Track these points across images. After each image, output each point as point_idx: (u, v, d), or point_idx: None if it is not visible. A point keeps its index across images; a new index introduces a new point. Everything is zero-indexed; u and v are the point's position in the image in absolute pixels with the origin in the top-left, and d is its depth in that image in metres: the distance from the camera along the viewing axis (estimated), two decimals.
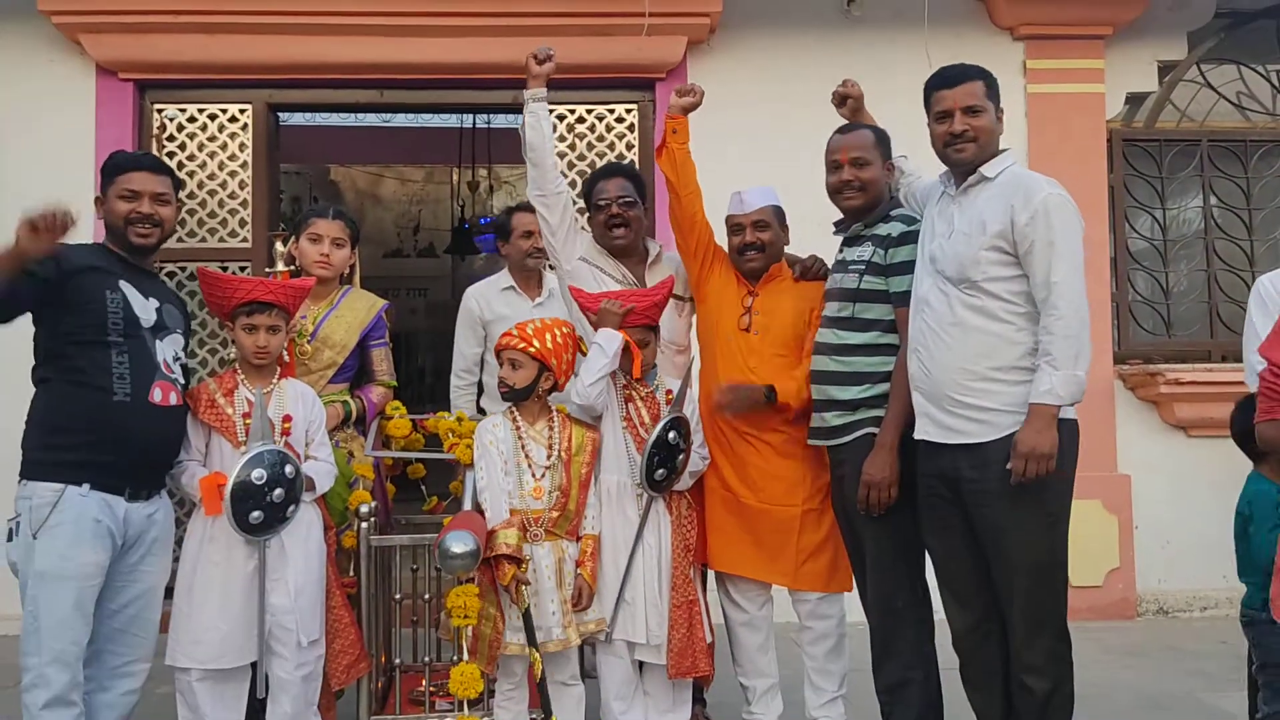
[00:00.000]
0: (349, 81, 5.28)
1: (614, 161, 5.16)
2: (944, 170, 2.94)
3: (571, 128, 5.36)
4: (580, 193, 3.98)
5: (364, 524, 3.14)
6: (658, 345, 3.26)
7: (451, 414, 3.61)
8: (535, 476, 3.04)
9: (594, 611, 3.09)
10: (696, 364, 3.49)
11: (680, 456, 3.13)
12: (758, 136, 5.08)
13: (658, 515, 3.17)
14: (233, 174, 5.28)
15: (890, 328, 3.03)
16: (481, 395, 4.10)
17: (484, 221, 10.22)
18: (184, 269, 5.18)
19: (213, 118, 5.28)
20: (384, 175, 11.17)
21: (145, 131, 5.23)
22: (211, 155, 5.28)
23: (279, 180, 5.75)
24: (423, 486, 3.79)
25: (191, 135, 5.29)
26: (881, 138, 3.17)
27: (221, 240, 5.26)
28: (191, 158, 5.28)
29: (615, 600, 3.10)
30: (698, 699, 3.38)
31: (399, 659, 3.35)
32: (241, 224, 5.26)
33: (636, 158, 5.29)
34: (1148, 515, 5.26)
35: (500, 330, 3.30)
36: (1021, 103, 5.28)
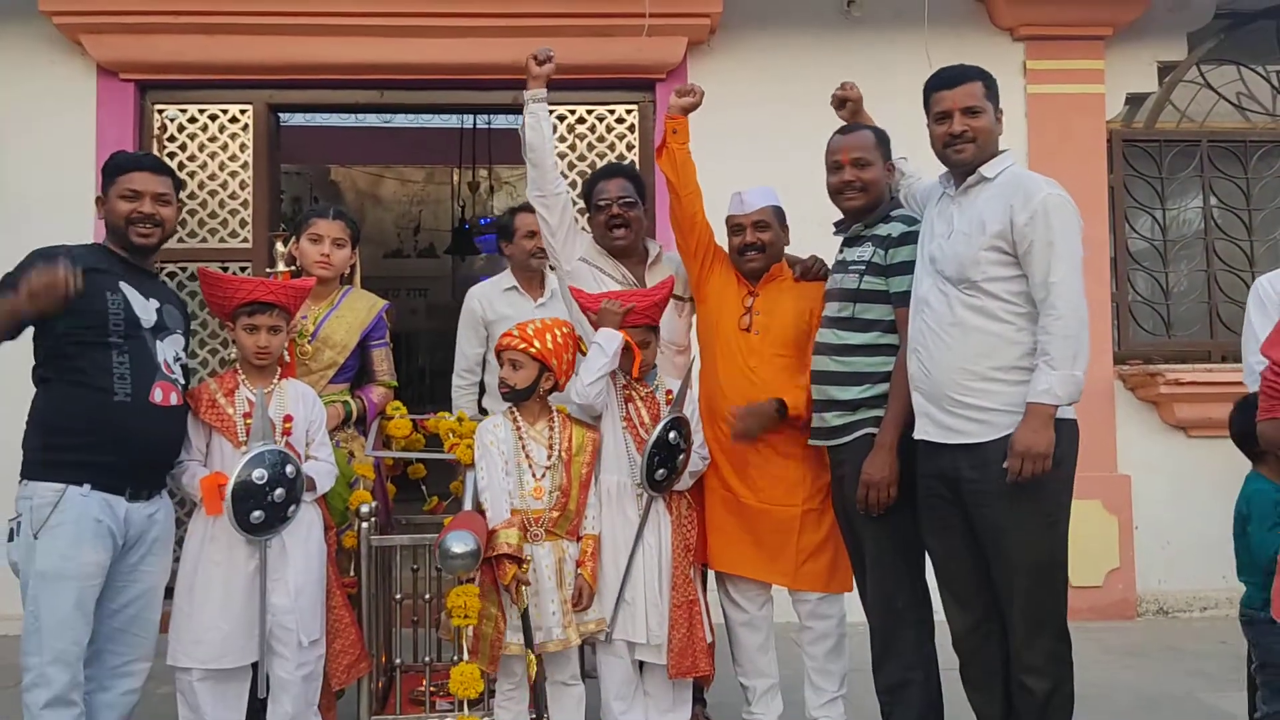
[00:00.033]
0: (349, 82, 5.28)
1: (614, 162, 5.16)
2: (944, 171, 2.95)
3: (572, 128, 5.37)
4: (580, 193, 3.98)
5: (364, 524, 3.15)
6: (658, 345, 3.26)
7: (452, 414, 3.61)
8: (536, 477, 3.04)
9: (594, 611, 3.09)
10: (697, 364, 3.49)
11: (680, 457, 3.13)
12: (758, 137, 5.08)
13: (658, 515, 3.17)
14: (233, 174, 5.28)
15: (890, 328, 3.03)
16: (483, 395, 4.10)
17: (484, 222, 10.22)
18: (184, 269, 5.18)
19: (213, 118, 5.29)
20: (384, 176, 11.17)
21: (146, 132, 5.23)
22: (212, 156, 5.28)
23: (279, 180, 5.75)
24: (423, 487, 3.80)
25: (192, 136, 5.29)
26: (882, 138, 3.17)
27: (222, 240, 5.26)
28: (192, 158, 5.28)
29: (615, 600, 3.10)
30: (698, 699, 3.38)
31: (399, 659, 3.36)
32: (242, 224, 5.27)
33: (637, 158, 5.29)
34: (1148, 515, 5.26)
35: (502, 330, 3.30)
36: (1021, 103, 5.28)
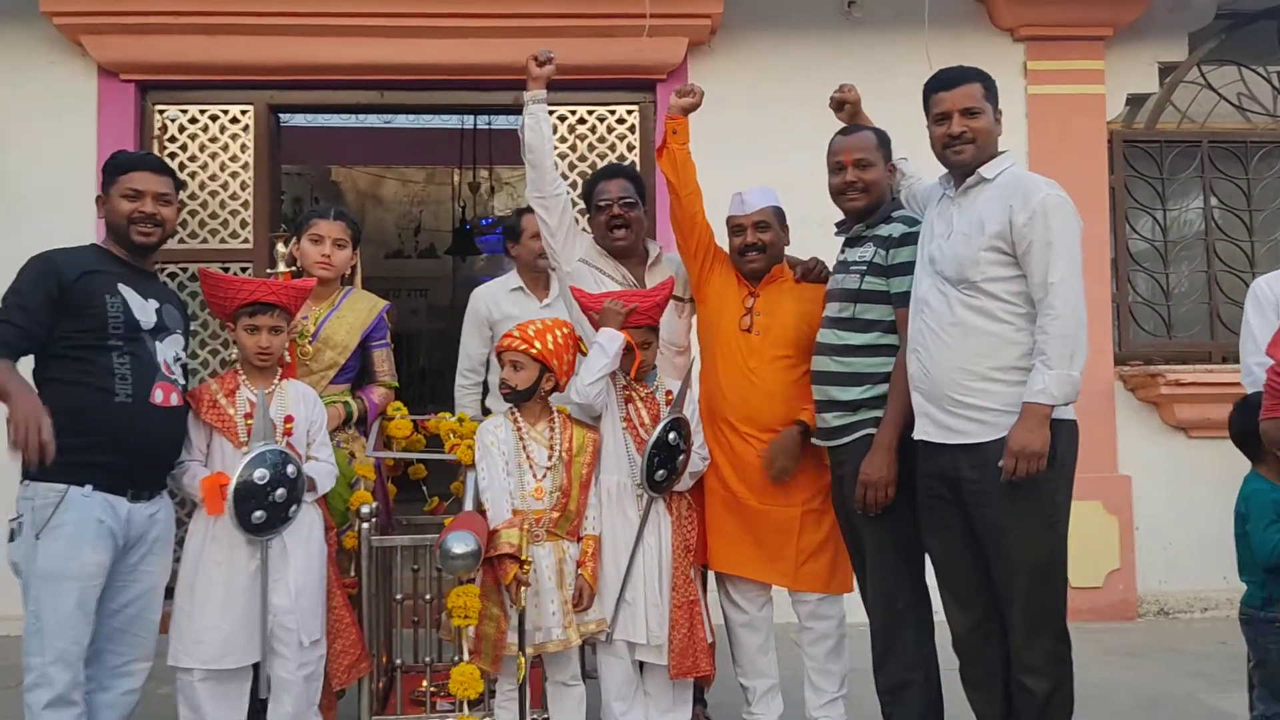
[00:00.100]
0: (350, 82, 5.28)
1: (614, 162, 5.17)
2: (944, 172, 2.95)
3: (572, 129, 5.37)
4: (581, 194, 3.98)
5: (365, 524, 3.15)
6: (657, 346, 3.26)
7: (453, 415, 3.61)
8: (536, 477, 3.04)
9: (594, 612, 3.09)
10: (696, 365, 3.49)
11: (680, 457, 3.13)
12: (758, 137, 5.08)
13: (658, 516, 3.17)
14: (234, 175, 5.29)
15: (891, 328, 3.03)
16: (487, 395, 4.11)
17: (485, 223, 10.24)
18: (185, 269, 5.19)
19: (214, 119, 5.29)
20: (385, 176, 11.18)
21: (147, 133, 5.24)
22: (213, 156, 5.29)
23: (280, 181, 5.76)
24: (424, 487, 3.80)
25: (193, 136, 5.29)
26: (883, 139, 3.17)
27: (223, 241, 5.27)
28: (193, 159, 5.28)
29: (616, 601, 3.10)
30: (698, 699, 3.38)
31: (400, 659, 3.37)
32: (243, 225, 5.27)
33: (637, 159, 5.30)
34: (1148, 516, 5.26)
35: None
36: (1022, 104, 5.29)
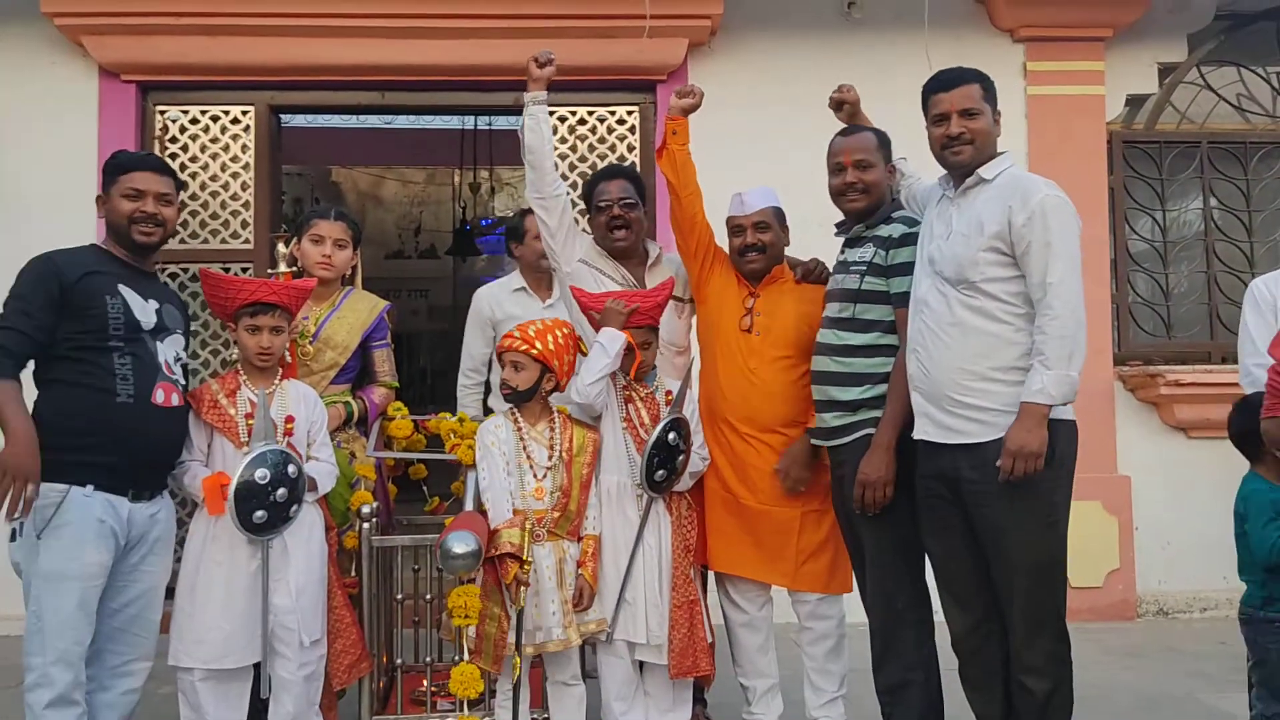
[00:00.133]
0: (351, 83, 5.28)
1: (615, 163, 5.17)
2: (944, 173, 2.95)
3: (573, 129, 5.37)
4: (581, 194, 3.99)
5: (366, 524, 3.16)
6: (657, 346, 3.27)
7: (454, 414, 3.62)
8: (537, 477, 3.04)
9: (595, 612, 3.09)
10: (696, 365, 3.50)
11: (680, 458, 3.14)
12: (758, 138, 5.08)
13: (658, 516, 3.17)
14: (235, 175, 5.29)
15: (891, 329, 3.03)
16: (489, 395, 4.12)
17: (485, 223, 10.25)
18: (186, 270, 5.19)
19: (215, 119, 5.30)
20: (385, 177, 11.19)
21: (148, 133, 5.24)
22: (214, 157, 5.29)
23: (281, 182, 5.76)
24: (424, 487, 3.80)
25: (194, 137, 5.30)
26: (883, 140, 3.18)
27: (224, 241, 5.27)
28: (194, 159, 5.29)
29: (616, 601, 3.10)
30: (698, 699, 3.38)
31: (400, 659, 3.37)
32: (243, 225, 5.27)
33: (637, 159, 5.30)
34: (1148, 516, 5.26)
35: None
36: (1022, 104, 5.29)
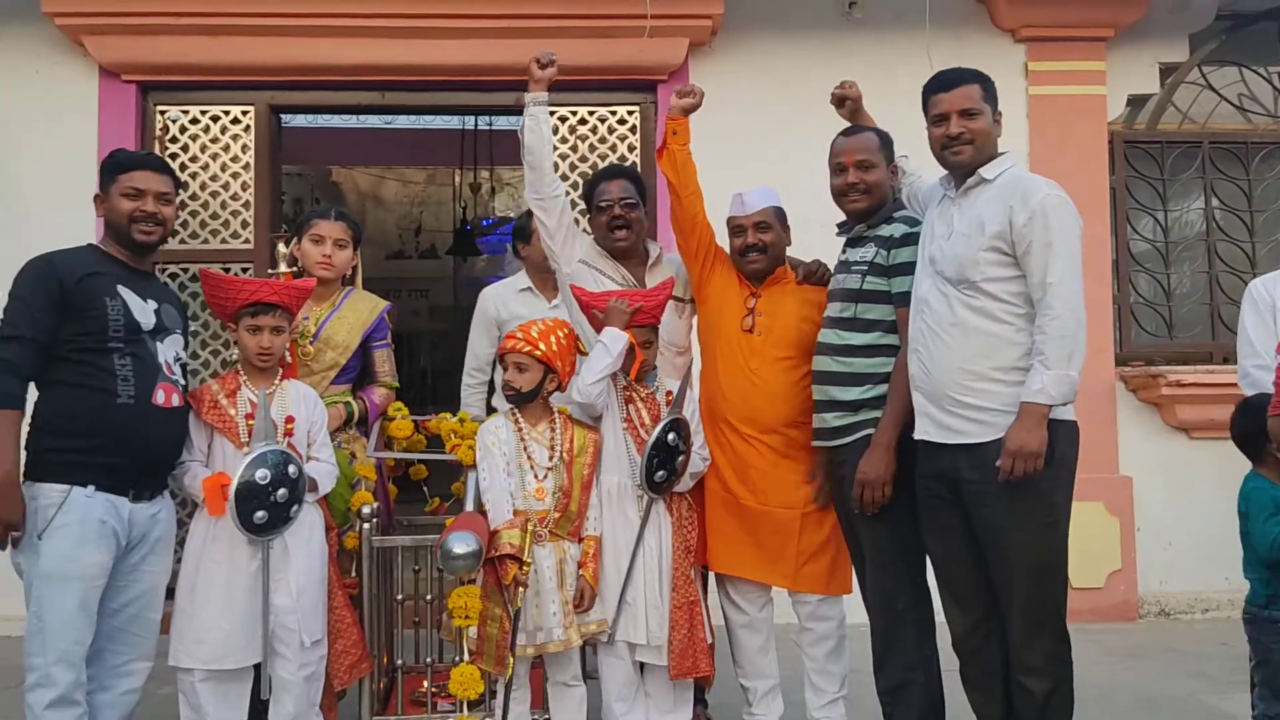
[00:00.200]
0: (351, 83, 5.28)
1: (615, 163, 5.16)
2: (945, 172, 2.95)
3: (573, 129, 5.37)
4: (581, 194, 3.98)
5: (366, 525, 3.16)
6: (658, 346, 3.27)
7: (454, 414, 3.61)
8: (538, 478, 3.04)
9: (595, 613, 3.09)
10: (696, 365, 3.49)
11: (680, 458, 3.13)
12: (759, 138, 5.08)
13: (658, 517, 3.17)
14: (235, 175, 5.29)
15: (892, 328, 3.03)
16: (492, 394, 4.12)
17: (486, 223, 10.25)
18: (186, 270, 5.19)
19: (215, 119, 5.29)
20: (386, 177, 11.19)
21: (148, 133, 5.24)
22: (214, 157, 5.29)
23: (281, 182, 5.75)
24: (425, 488, 3.80)
25: (194, 137, 5.29)
26: (885, 140, 3.17)
27: (224, 242, 5.27)
28: (194, 159, 5.28)
29: (617, 601, 3.10)
30: (699, 700, 3.38)
31: (401, 660, 3.38)
32: (244, 225, 5.27)
33: (638, 159, 5.29)
34: (1149, 517, 5.26)
35: None
36: (1023, 104, 5.29)
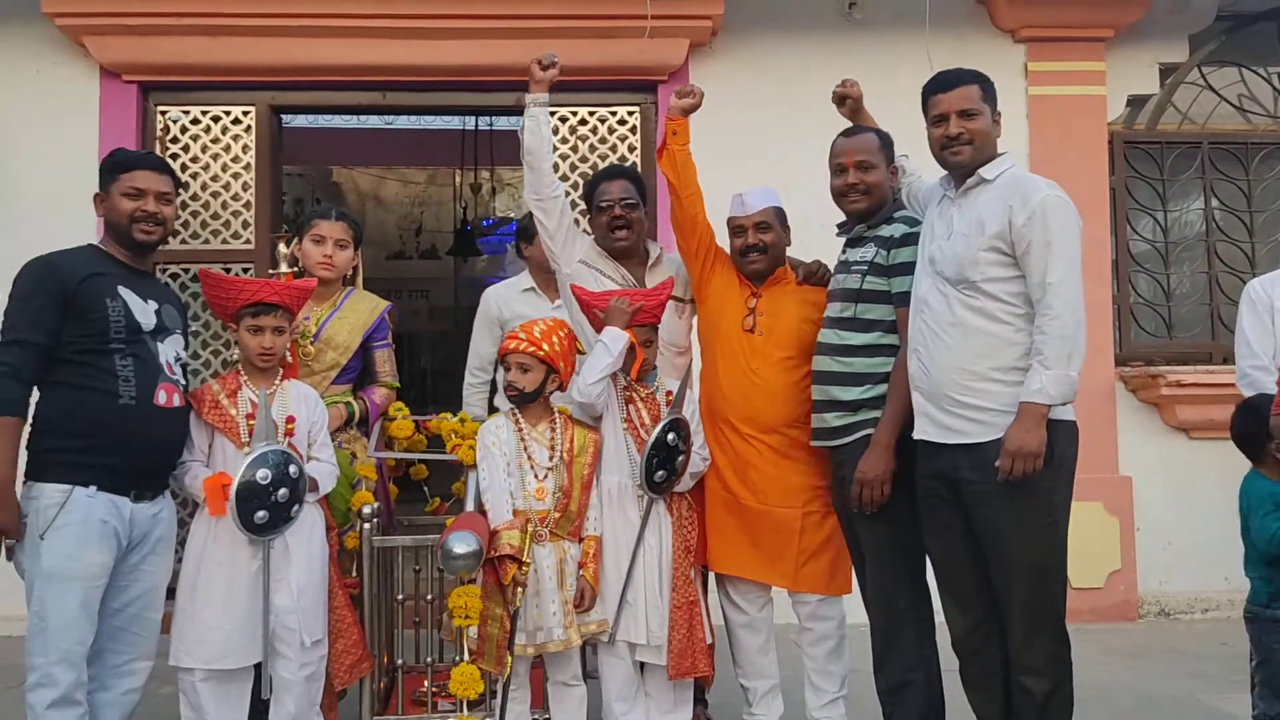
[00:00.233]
0: (352, 83, 5.28)
1: (616, 163, 5.17)
2: (945, 173, 2.95)
3: (574, 129, 5.37)
4: (581, 194, 3.99)
5: (366, 525, 3.16)
6: (658, 345, 3.27)
7: (456, 414, 3.61)
8: (538, 478, 3.04)
9: (596, 613, 3.09)
10: (696, 365, 3.50)
11: (680, 458, 3.14)
12: (759, 138, 5.08)
13: (658, 516, 3.17)
14: (235, 175, 5.29)
15: (892, 328, 3.03)
16: (494, 394, 4.12)
17: (486, 223, 10.25)
18: (187, 270, 5.19)
19: (216, 120, 5.30)
20: (386, 177, 11.19)
21: (149, 133, 5.24)
22: (215, 157, 5.29)
23: (282, 182, 5.76)
24: (425, 488, 3.81)
25: (195, 137, 5.30)
26: (885, 141, 3.18)
27: (224, 242, 5.27)
28: (195, 159, 5.28)
29: (618, 602, 3.10)
30: (699, 700, 3.38)
31: (401, 660, 3.38)
32: (244, 225, 5.27)
33: (638, 160, 5.30)
34: (1149, 517, 5.26)
35: None
36: (1023, 105, 5.29)
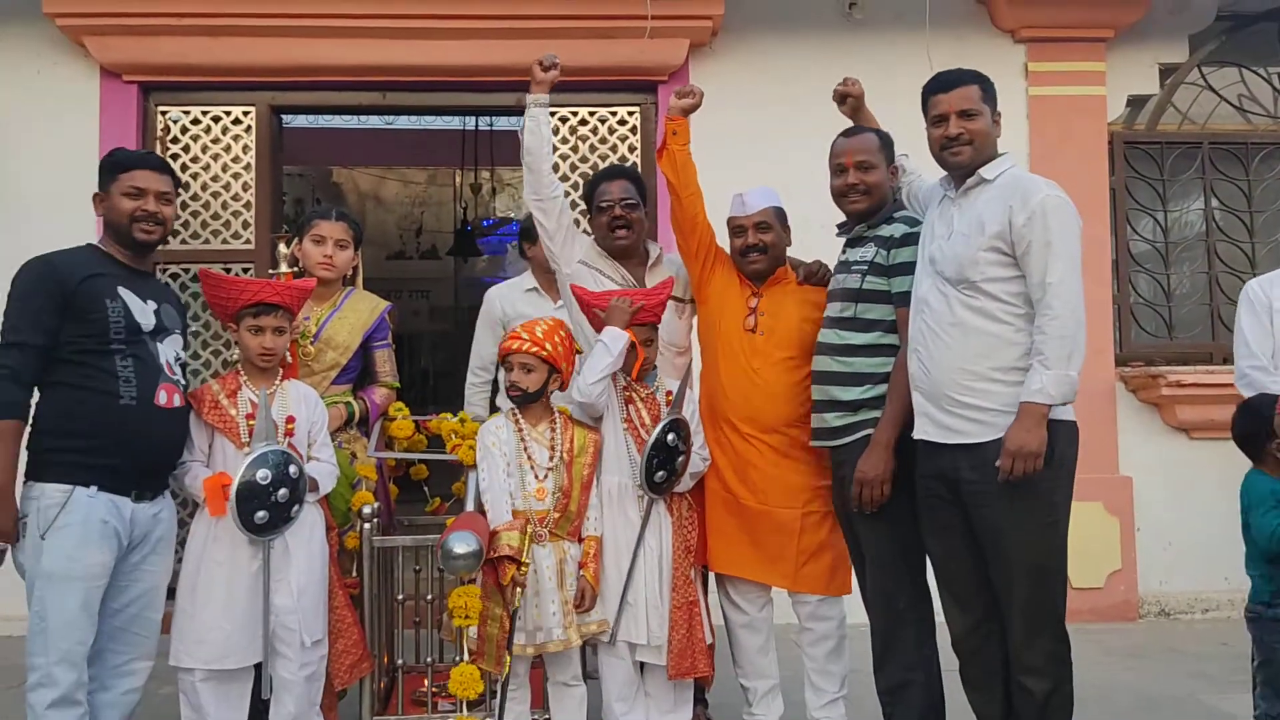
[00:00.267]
0: (352, 84, 5.28)
1: (616, 164, 5.17)
2: (945, 174, 2.95)
3: (574, 130, 5.37)
4: (582, 195, 3.99)
5: (367, 525, 3.16)
6: (658, 344, 3.27)
7: (455, 415, 3.61)
8: (538, 478, 3.04)
9: (596, 613, 3.09)
10: (696, 365, 3.50)
11: (680, 459, 3.14)
12: (759, 138, 5.08)
13: (659, 517, 3.17)
14: (236, 176, 5.29)
15: (892, 328, 3.03)
16: (497, 393, 4.12)
17: (486, 224, 10.25)
18: (187, 270, 5.19)
19: (216, 120, 5.30)
20: (386, 177, 11.19)
21: (149, 134, 5.25)
22: (215, 157, 5.29)
23: (282, 182, 5.76)
24: (425, 488, 3.81)
25: (195, 137, 5.30)
26: (886, 141, 3.18)
27: (225, 242, 5.27)
28: (195, 160, 5.28)
29: (618, 602, 3.09)
30: (699, 700, 3.38)
31: (401, 660, 3.38)
32: (244, 226, 5.27)
33: (638, 160, 5.30)
34: (1149, 517, 5.26)
35: None
36: (1023, 105, 5.29)
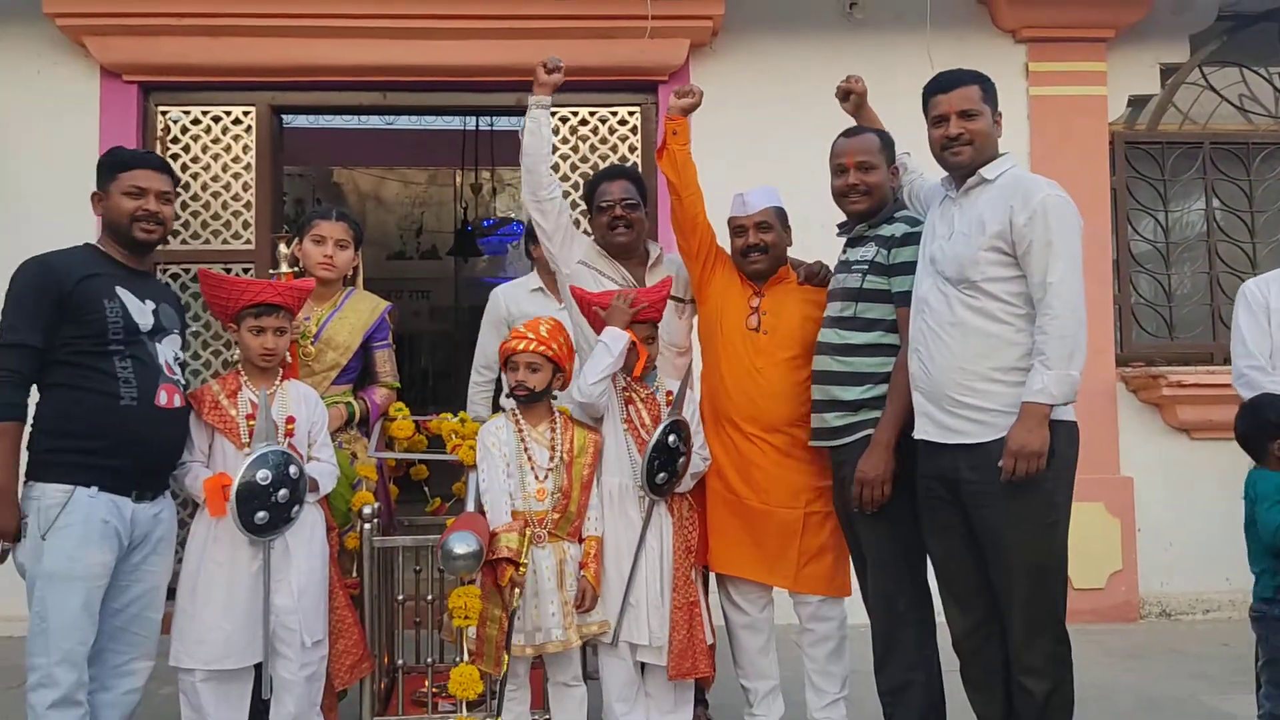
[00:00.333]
0: (352, 84, 5.28)
1: (616, 164, 5.17)
2: (946, 174, 2.95)
3: (574, 130, 5.37)
4: (582, 195, 3.98)
5: (367, 525, 3.16)
6: (659, 343, 3.27)
7: (455, 415, 3.61)
8: (538, 478, 3.04)
9: (597, 613, 3.09)
10: (697, 365, 3.49)
11: (681, 459, 3.13)
12: (760, 138, 5.09)
13: (659, 517, 3.17)
14: (236, 176, 5.29)
15: (893, 328, 3.03)
16: (500, 393, 4.12)
17: (487, 224, 10.25)
18: (187, 270, 5.19)
19: (216, 120, 5.30)
20: (387, 177, 11.19)
21: (149, 134, 5.24)
22: (215, 157, 5.29)
23: (282, 182, 5.76)
24: (426, 488, 3.81)
25: (195, 138, 5.30)
26: (886, 141, 3.18)
27: (225, 242, 5.27)
28: (195, 160, 5.28)
29: (620, 603, 3.09)
30: (700, 700, 3.37)
31: (402, 660, 3.38)
32: (245, 226, 5.27)
33: (639, 160, 5.30)
34: (1150, 518, 5.25)
35: None
36: (1024, 105, 5.29)
